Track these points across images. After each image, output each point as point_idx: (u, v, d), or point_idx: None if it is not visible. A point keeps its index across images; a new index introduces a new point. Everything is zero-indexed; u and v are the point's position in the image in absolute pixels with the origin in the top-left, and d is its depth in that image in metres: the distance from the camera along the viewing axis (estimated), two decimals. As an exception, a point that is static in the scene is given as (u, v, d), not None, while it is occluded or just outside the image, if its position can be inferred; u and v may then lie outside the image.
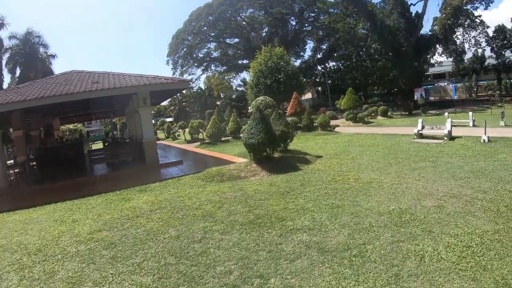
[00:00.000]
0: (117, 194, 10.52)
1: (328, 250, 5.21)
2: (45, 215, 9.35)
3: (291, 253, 5.28)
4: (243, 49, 61.43)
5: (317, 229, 6.07)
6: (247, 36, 60.82)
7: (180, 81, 15.57)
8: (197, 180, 10.98)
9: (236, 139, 22.41)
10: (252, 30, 61.76)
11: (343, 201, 7.46)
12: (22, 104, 12.93)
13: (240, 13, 60.35)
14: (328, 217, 6.55)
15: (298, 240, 5.68)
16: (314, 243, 5.51)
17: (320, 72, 62.55)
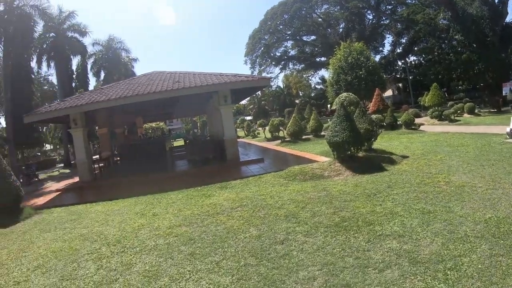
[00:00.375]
0: (197, 190, 10.67)
1: (420, 261, 4.67)
2: (126, 207, 9.81)
3: (380, 261, 4.78)
4: (321, 46, 60.56)
5: (408, 236, 5.49)
6: (324, 33, 59.77)
7: (261, 79, 15.64)
8: (278, 179, 10.67)
9: (317, 137, 22.08)
10: (328, 27, 60.54)
11: (435, 206, 6.70)
12: (106, 103, 14.02)
13: (315, 9, 59.67)
14: (419, 224, 5.93)
15: (387, 248, 5.16)
16: (405, 251, 4.98)
17: (401, 67, 59.37)
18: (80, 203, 11.48)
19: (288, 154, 16.54)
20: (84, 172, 15.84)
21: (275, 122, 24.11)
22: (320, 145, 17.90)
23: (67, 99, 16.24)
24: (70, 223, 8.96)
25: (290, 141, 21.80)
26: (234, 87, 14.66)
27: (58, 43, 30.32)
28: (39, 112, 15.27)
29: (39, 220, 9.97)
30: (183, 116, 48.08)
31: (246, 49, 64.39)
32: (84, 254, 6.42)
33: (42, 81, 44.95)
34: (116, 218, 8.75)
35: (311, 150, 16.57)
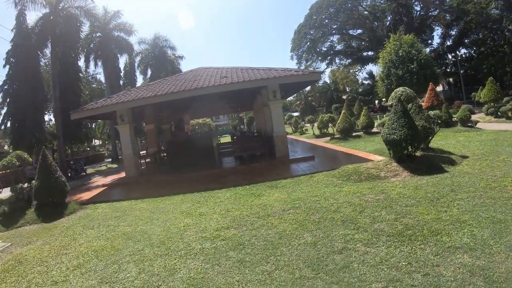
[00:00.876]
0: (246, 188, 10.23)
1: (496, 280, 4.02)
2: (172, 205, 9.56)
3: (452, 279, 4.13)
4: (368, 39, 58.29)
5: (480, 249, 4.75)
6: (371, 26, 57.53)
7: (312, 73, 14.91)
8: (332, 178, 9.96)
9: (368, 134, 21.21)
10: (375, 20, 58.16)
11: (506, 214, 5.83)
12: (152, 99, 13.98)
13: (361, 2, 57.46)
14: (491, 235, 5.14)
15: (458, 263, 4.47)
16: (479, 268, 4.29)
17: (451, 61, 55.89)
18: (125, 199, 11.47)
19: (339, 152, 15.71)
20: (130, 167, 15.92)
21: (325, 119, 23.25)
22: (372, 142, 17.06)
23: (113, 96, 16.40)
24: (114, 220, 8.88)
25: (339, 138, 20.91)
26: (284, 81, 14.11)
27: (104, 43, 31.19)
28: (86, 108, 15.49)
29: (83, 215, 10.07)
30: (230, 112, 48.23)
31: (292, 45, 63.60)
32: (126, 255, 6.18)
33: (90, 79, 46.63)
34: (161, 217, 8.50)
35: (362, 148, 15.69)
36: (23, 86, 22.40)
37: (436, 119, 13.79)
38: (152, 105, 18.63)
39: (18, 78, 22.60)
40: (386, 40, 34.64)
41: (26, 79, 22.45)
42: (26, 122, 21.97)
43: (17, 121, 22.39)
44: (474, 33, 50.50)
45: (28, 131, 21.79)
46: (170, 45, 43.20)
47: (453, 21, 53.55)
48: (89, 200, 12.35)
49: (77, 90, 27.26)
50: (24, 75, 22.47)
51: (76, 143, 27.88)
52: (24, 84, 22.38)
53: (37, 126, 22.44)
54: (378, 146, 14.66)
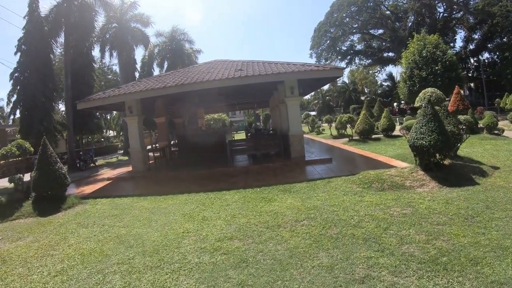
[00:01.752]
0: (256, 191, 9.34)
1: None
2: (175, 206, 8.82)
3: None
4: (389, 40, 56.54)
5: None
6: (392, 26, 55.74)
7: (333, 69, 13.66)
8: (351, 185, 8.97)
9: (388, 137, 19.92)
10: (397, 20, 56.29)
11: None
12: (162, 91, 13.15)
13: (384, 1, 55.59)
14: None
15: None
16: None
17: (473, 65, 53.79)
18: (128, 195, 10.80)
19: (358, 155, 14.63)
20: (137, 161, 15.26)
21: (344, 119, 22.11)
22: (393, 146, 15.98)
23: (122, 86, 15.69)
24: (111, 219, 8.23)
25: (358, 140, 19.82)
26: (303, 77, 13.06)
27: (120, 33, 30.55)
28: (92, 98, 14.79)
29: (81, 211, 9.51)
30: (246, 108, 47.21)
31: (312, 42, 62.28)
32: (114, 264, 5.48)
33: (106, 70, 46.33)
34: (161, 219, 7.75)
35: (383, 151, 14.61)
36: (33, 74, 21.93)
37: (468, 125, 12.67)
38: (163, 97, 17.90)
39: (28, 66, 22.11)
40: (410, 39, 33.26)
41: (37, 67, 21.98)
42: (35, 110, 21.48)
43: (26, 110, 21.91)
44: (498, 37, 48.48)
45: (37, 120, 21.29)
46: (188, 39, 42.45)
47: (477, 24, 51.70)
48: (90, 194, 11.78)
49: (90, 80, 26.76)
50: (35, 63, 22.00)
51: (87, 134, 27.38)
52: (35, 72, 21.90)
53: (46, 115, 21.91)
54: (400, 151, 13.67)
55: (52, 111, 23.46)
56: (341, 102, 70.21)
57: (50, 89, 22.91)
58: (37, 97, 21.34)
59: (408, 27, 53.21)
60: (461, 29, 56.23)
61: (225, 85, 12.81)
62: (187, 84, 12.48)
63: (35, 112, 21.36)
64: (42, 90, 21.66)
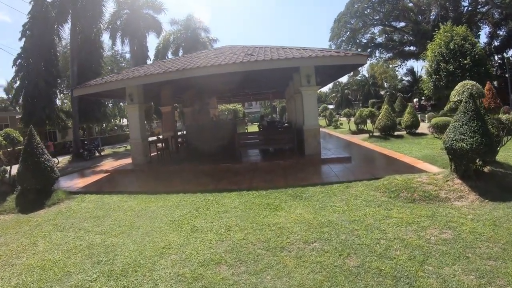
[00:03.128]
0: (261, 195, 7.95)
1: None
2: (165, 209, 7.62)
3: None
4: (412, 33, 53.91)
5: None
6: (415, 19, 53.09)
7: (356, 55, 11.81)
8: (374, 192, 7.48)
9: (412, 135, 18.09)
10: (419, 13, 53.54)
11: None
12: (162, 76, 11.95)
13: None
14: None
15: None
16: None
17: (497, 63, 50.83)
18: (119, 192, 9.77)
19: (380, 154, 13.03)
20: (137, 153, 14.12)
21: (364, 113, 20.43)
22: (418, 146, 14.35)
23: (122, 72, 14.41)
24: (91, 222, 7.18)
25: (379, 137, 18.17)
26: (320, 63, 11.46)
27: (132, 20, 29.31)
28: (89, 84, 13.63)
29: (64, 209, 8.59)
30: (261, 99, 45.89)
31: (331, 34, 59.96)
32: (71, 286, 4.44)
33: (119, 58, 45.38)
34: (144, 226, 6.57)
35: (407, 151, 13.02)
36: (37, 60, 21.03)
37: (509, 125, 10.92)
38: (169, 84, 16.82)
39: (32, 52, 21.15)
40: (436, 30, 31.12)
41: (41, 53, 21.06)
42: (38, 98, 20.51)
43: (29, 97, 20.93)
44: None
45: (39, 108, 20.33)
46: (203, 27, 41.11)
47: (502, 20, 48.87)
48: (82, 189, 10.83)
49: (97, 67, 25.60)
50: (39, 49, 21.06)
51: (93, 123, 26.41)
52: (38, 58, 21.02)
53: (49, 103, 20.94)
54: (427, 151, 12.16)
55: (55, 99, 22.50)
56: (359, 96, 68.25)
57: (53, 75, 22.01)
58: (40, 83, 20.33)
59: (431, 21, 50.79)
60: (485, 25, 53.43)
61: (232, 71, 11.38)
62: (189, 69, 11.10)
63: (38, 99, 20.41)
64: (45, 77, 20.70)
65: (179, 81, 16.23)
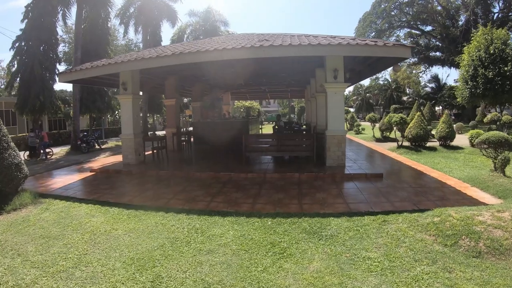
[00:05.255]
0: (265, 226, 5.83)
1: None
2: (133, 235, 5.70)
3: None
4: (440, 37, 50.84)
5: None
6: (444, 22, 49.96)
7: (397, 46, 9.23)
8: (422, 235, 5.23)
9: (446, 148, 15.55)
10: (448, 17, 50.35)
11: None
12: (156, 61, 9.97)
13: None
14: None
15: None
16: None
17: None
18: (92, 200, 8.00)
19: (415, 171, 10.54)
20: (128, 151, 12.28)
21: (394, 120, 17.95)
22: (456, 162, 11.92)
23: (115, 57, 12.48)
24: (37, 245, 5.51)
25: (409, 148, 15.79)
26: (353, 53, 9.20)
27: (146, 7, 27.71)
28: (75, 70, 11.81)
29: (20, 220, 6.85)
30: (278, 97, 43.58)
31: (355, 34, 57.30)
32: None
33: (133, 47, 43.63)
34: (95, 262, 4.77)
35: (446, 169, 10.66)
36: (36, 43, 19.29)
37: None
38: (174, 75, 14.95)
39: (32, 34, 19.41)
40: (474, 31, 28.32)
41: (40, 36, 19.34)
42: (33, 83, 18.76)
43: (25, 82, 19.21)
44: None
45: (34, 94, 18.61)
46: (222, 20, 39.44)
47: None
48: (55, 191, 9.13)
49: (104, 54, 23.55)
50: (39, 31, 19.29)
51: (95, 113, 24.70)
52: (37, 41, 19.28)
53: (44, 89, 19.20)
54: (470, 172, 9.89)
55: (53, 85, 20.79)
56: (381, 101, 65.44)
57: (52, 60, 20.23)
58: (36, 68, 18.60)
59: (460, 26, 47.77)
60: (518, 32, 50.16)
61: (240, 57, 9.19)
62: (187, 54, 9.01)
63: (34, 85, 18.68)
64: (41, 61, 18.93)
65: (184, 71, 14.39)
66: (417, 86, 67.78)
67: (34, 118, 20.85)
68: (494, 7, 46.70)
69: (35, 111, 19.17)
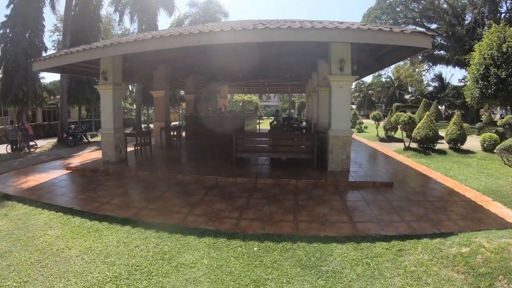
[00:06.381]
0: (250, 253, 4.64)
1: None
2: (87, 258, 4.65)
3: None
4: (445, 36, 49.54)
5: None
6: (450, 20, 48.59)
7: (416, 34, 7.78)
8: (449, 272, 3.98)
9: (456, 151, 14.26)
10: (454, 16, 48.95)
11: None
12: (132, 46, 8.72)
13: None
14: None
15: None
16: None
17: None
18: (57, 206, 6.88)
19: (428, 179, 9.22)
20: (108, 148, 11.07)
21: (402, 119, 16.62)
22: (469, 168, 10.71)
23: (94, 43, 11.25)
24: None
25: (417, 150, 14.52)
26: (364, 40, 7.81)
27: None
28: (48, 57, 10.72)
29: None
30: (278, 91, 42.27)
31: (359, 29, 56.67)
32: None
33: (129, 37, 42.64)
34: None
35: (461, 177, 9.40)
36: (20, 29, 18.05)
37: None
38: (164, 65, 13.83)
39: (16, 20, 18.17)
40: (487, 28, 26.91)
41: (24, 22, 18.07)
42: (16, 72, 17.52)
43: (8, 71, 17.96)
44: None
45: (16, 84, 17.39)
46: (223, 11, 38.24)
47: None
48: (23, 192, 8.15)
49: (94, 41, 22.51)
50: (22, 17, 18.05)
51: (83, 104, 23.50)
52: (22, 28, 18.03)
53: (27, 79, 17.97)
54: (487, 181, 8.80)
55: (37, 74, 19.54)
56: (383, 98, 64.22)
57: (37, 48, 18.98)
58: (19, 56, 17.35)
59: (465, 25, 46.43)
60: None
61: (229, 42, 7.92)
62: (168, 37, 7.75)
63: (17, 74, 17.44)
64: (25, 49, 17.70)
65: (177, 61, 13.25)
66: (420, 84, 66.68)
67: (18, 110, 19.69)
68: (501, 6, 45.28)
69: (18, 102, 18.00)
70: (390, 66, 38.48)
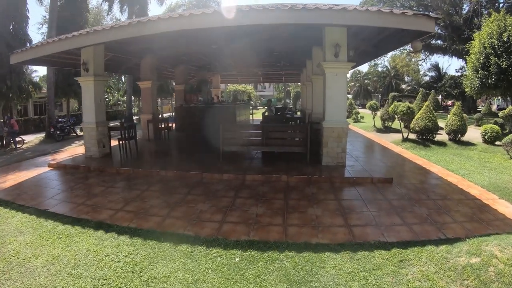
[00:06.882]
0: (230, 264, 4.10)
1: None
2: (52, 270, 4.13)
3: None
4: (442, 25, 49.00)
5: None
6: (447, 9, 47.99)
7: (418, 16, 6.95)
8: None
9: (456, 143, 13.68)
10: (451, 5, 48.28)
11: None
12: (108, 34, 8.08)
13: None
14: None
15: None
16: None
17: None
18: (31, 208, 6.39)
19: (429, 173, 8.66)
20: (90, 143, 10.53)
21: (400, 109, 15.98)
22: (471, 162, 10.21)
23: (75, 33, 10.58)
24: None
25: (416, 142, 13.95)
26: (359, 22, 7.06)
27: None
28: (25, 49, 10.08)
29: None
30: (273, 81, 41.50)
31: (356, 17, 56.02)
32: None
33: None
34: None
35: (463, 171, 8.87)
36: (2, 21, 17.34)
37: None
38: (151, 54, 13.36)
39: (0, 10, 17.42)
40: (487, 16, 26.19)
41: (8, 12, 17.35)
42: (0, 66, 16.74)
43: (-10, 65, 17.25)
44: None
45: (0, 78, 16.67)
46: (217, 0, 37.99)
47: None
48: None
49: (79, 32, 21.91)
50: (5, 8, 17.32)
51: (71, 97, 22.82)
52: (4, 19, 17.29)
53: (11, 72, 17.21)
54: (491, 176, 8.26)
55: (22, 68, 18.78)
56: (379, 88, 63.78)
57: (21, 40, 18.18)
58: (2, 49, 16.56)
59: (463, 15, 45.79)
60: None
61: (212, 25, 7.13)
62: (147, 22, 7.09)
63: (0, 68, 16.68)
64: (8, 41, 16.90)
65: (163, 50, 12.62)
66: (417, 74, 66.18)
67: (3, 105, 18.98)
68: (501, -5, 44.78)
69: (1, 97, 17.27)
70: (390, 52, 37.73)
